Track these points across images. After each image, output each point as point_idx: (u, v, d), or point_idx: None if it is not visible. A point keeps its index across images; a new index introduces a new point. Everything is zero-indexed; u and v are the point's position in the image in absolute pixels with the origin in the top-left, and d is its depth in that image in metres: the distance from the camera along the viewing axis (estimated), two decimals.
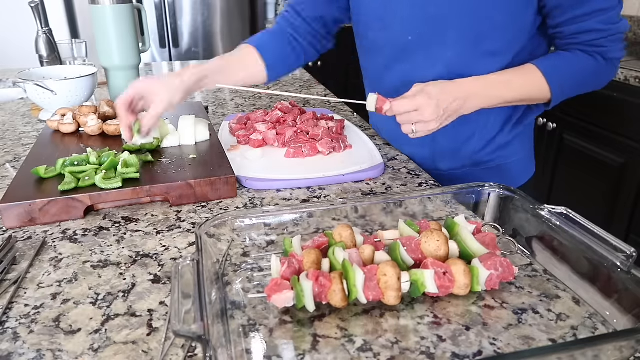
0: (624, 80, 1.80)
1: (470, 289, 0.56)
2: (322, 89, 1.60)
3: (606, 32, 0.83)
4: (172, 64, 2.06)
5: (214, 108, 1.37)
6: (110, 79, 1.31)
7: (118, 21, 1.23)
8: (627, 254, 0.53)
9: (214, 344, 0.43)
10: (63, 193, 0.75)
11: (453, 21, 0.87)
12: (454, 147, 1.00)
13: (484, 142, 0.99)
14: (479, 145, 0.99)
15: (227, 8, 3.07)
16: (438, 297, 0.57)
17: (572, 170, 2.08)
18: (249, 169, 0.90)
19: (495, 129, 0.98)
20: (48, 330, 0.53)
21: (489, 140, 0.99)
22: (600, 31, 0.83)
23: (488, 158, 1.01)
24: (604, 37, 0.83)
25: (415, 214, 0.71)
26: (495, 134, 0.99)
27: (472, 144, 0.99)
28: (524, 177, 1.06)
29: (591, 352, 0.44)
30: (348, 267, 0.54)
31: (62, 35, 2.63)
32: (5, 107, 1.38)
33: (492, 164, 1.01)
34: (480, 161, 1.01)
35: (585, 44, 0.85)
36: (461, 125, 0.96)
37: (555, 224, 0.61)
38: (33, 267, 0.64)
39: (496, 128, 0.98)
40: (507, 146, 1.00)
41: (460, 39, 0.88)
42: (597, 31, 0.83)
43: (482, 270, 0.56)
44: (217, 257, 0.62)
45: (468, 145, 0.99)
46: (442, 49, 0.90)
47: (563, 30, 0.85)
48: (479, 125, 0.97)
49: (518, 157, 1.03)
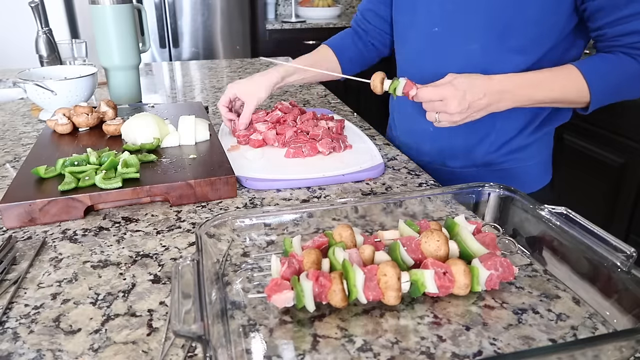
0: None
1: (470, 289, 0.56)
2: (322, 89, 1.60)
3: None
4: (172, 64, 2.06)
5: (214, 108, 1.36)
6: (110, 79, 1.31)
7: (118, 21, 1.23)
8: (627, 254, 0.53)
9: (214, 344, 0.43)
10: (63, 193, 0.75)
11: (480, 13, 0.86)
12: (468, 146, 0.99)
13: (499, 143, 0.97)
14: (493, 147, 0.98)
15: (227, 8, 3.07)
16: (438, 297, 0.57)
17: (572, 170, 2.08)
18: (249, 169, 0.90)
19: (513, 132, 0.96)
20: (48, 330, 0.53)
21: (504, 142, 0.97)
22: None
23: (500, 160, 0.99)
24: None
25: (415, 214, 0.71)
26: (511, 137, 0.97)
27: (486, 144, 0.98)
28: (538, 184, 1.03)
29: (591, 352, 0.44)
30: (348, 267, 0.54)
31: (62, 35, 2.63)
32: (5, 107, 1.38)
33: (505, 166, 1.00)
34: (492, 162, 1.00)
35: (629, 46, 0.82)
36: (477, 125, 0.94)
37: (555, 224, 0.61)
38: (33, 267, 0.64)
39: (514, 131, 0.96)
40: (522, 150, 0.98)
41: (486, 33, 0.87)
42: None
43: (482, 270, 0.56)
44: (217, 257, 0.62)
45: (482, 145, 0.98)
46: (467, 42, 0.89)
47: (606, 32, 0.82)
48: (496, 126, 0.96)
49: (532, 162, 1.00)
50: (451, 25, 0.91)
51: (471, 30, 0.89)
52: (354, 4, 3.95)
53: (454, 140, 1.00)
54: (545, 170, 1.05)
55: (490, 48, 0.88)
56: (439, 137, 1.01)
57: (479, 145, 0.98)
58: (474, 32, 0.88)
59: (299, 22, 3.33)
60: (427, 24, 0.95)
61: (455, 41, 0.92)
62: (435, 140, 1.02)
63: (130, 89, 1.33)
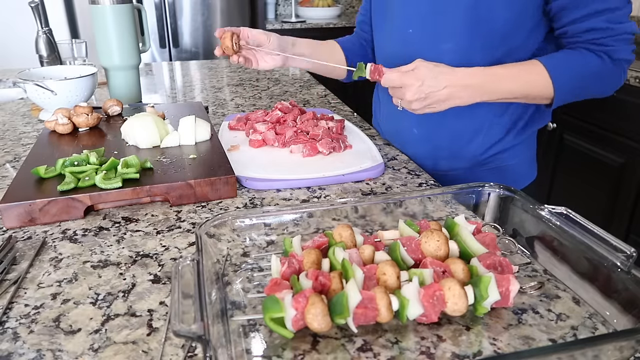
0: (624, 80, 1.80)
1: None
2: (322, 89, 1.60)
3: (611, 31, 0.82)
4: (172, 64, 2.06)
5: (214, 108, 1.36)
6: (110, 79, 1.31)
7: (118, 21, 1.23)
8: (627, 254, 0.53)
9: (214, 344, 0.43)
10: (63, 193, 0.75)
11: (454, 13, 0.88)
12: (456, 148, 1.00)
13: (486, 145, 0.99)
14: (480, 149, 0.99)
15: (227, 8, 3.07)
16: None
17: (572, 170, 2.08)
18: (249, 169, 0.90)
19: (500, 134, 0.98)
20: (48, 330, 0.53)
21: (492, 144, 0.99)
22: (605, 30, 0.82)
23: (488, 160, 1.01)
24: (610, 35, 0.82)
25: (415, 214, 0.71)
26: (499, 139, 0.98)
27: (474, 147, 0.99)
28: (525, 181, 1.05)
29: (591, 352, 0.44)
30: (348, 266, 0.54)
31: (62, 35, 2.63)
32: (5, 107, 1.38)
33: (492, 165, 1.01)
34: (480, 162, 1.01)
35: (590, 42, 0.84)
36: (464, 127, 0.96)
37: (555, 224, 0.61)
38: (33, 267, 0.64)
39: (501, 133, 0.98)
40: (508, 150, 1.00)
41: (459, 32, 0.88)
42: (602, 30, 0.82)
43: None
44: (217, 257, 0.62)
45: (470, 146, 0.99)
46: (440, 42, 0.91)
47: (567, 30, 0.85)
48: (484, 128, 0.97)
49: (518, 160, 1.02)
50: (425, 26, 0.93)
51: (445, 30, 0.90)
52: (354, 4, 3.95)
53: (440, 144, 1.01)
54: (531, 166, 1.07)
55: (462, 46, 0.90)
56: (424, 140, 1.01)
57: (466, 147, 1.00)
58: (448, 31, 0.90)
59: (299, 22, 3.33)
60: (402, 26, 0.96)
61: (429, 41, 0.93)
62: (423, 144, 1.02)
63: (130, 89, 1.33)
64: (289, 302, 0.49)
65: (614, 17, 0.82)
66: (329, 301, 0.50)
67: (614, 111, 1.87)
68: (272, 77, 1.76)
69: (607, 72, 0.85)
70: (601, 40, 0.83)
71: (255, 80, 1.71)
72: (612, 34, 0.82)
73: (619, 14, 0.82)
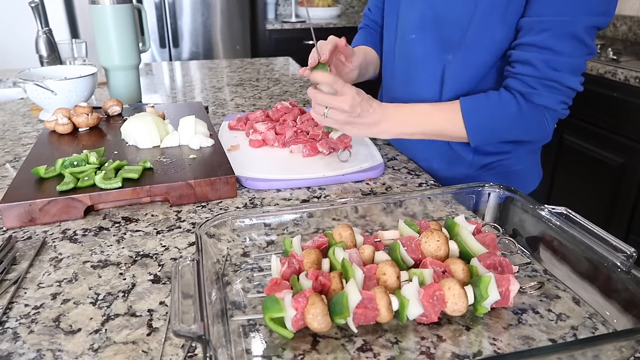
0: (624, 80, 1.80)
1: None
2: None
3: (540, 73, 0.78)
4: (172, 64, 2.06)
5: (214, 108, 1.37)
6: (110, 79, 1.31)
7: (118, 21, 1.23)
8: (627, 254, 0.53)
9: (214, 344, 0.43)
10: (62, 193, 0.75)
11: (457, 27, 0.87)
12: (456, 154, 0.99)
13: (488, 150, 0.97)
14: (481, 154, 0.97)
15: (227, 8, 3.07)
16: None
17: (572, 170, 2.08)
18: (249, 169, 0.90)
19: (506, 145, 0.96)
20: (48, 330, 0.53)
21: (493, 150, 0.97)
22: (535, 68, 0.78)
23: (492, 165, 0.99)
24: (536, 77, 0.79)
25: (415, 214, 0.71)
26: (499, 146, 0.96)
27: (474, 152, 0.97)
28: (531, 186, 1.04)
29: (591, 352, 0.44)
30: (348, 266, 0.54)
31: (62, 35, 2.63)
32: (5, 107, 1.38)
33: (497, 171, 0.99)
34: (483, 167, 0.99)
35: (516, 76, 0.81)
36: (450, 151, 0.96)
37: (555, 224, 0.61)
38: (33, 267, 0.64)
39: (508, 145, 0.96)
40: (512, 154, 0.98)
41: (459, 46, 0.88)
42: (533, 67, 0.79)
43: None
44: (217, 257, 0.62)
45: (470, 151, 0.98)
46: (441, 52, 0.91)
47: (511, 53, 0.83)
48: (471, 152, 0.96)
49: (524, 166, 1.00)
50: (427, 34, 0.92)
51: (446, 41, 0.89)
52: (354, 4, 3.95)
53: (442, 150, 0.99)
54: (537, 170, 1.05)
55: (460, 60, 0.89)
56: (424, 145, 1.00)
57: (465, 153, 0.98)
58: (449, 43, 0.89)
59: (299, 22, 3.33)
60: (406, 30, 0.96)
61: (430, 50, 0.92)
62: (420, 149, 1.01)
63: (130, 89, 1.33)
64: (289, 302, 0.49)
65: (554, 61, 0.77)
66: (329, 301, 0.50)
67: (614, 111, 1.87)
68: (272, 77, 1.76)
69: (523, 116, 0.82)
70: (526, 79, 0.80)
71: (255, 80, 1.71)
72: (540, 76, 0.78)
73: (561, 61, 0.77)
